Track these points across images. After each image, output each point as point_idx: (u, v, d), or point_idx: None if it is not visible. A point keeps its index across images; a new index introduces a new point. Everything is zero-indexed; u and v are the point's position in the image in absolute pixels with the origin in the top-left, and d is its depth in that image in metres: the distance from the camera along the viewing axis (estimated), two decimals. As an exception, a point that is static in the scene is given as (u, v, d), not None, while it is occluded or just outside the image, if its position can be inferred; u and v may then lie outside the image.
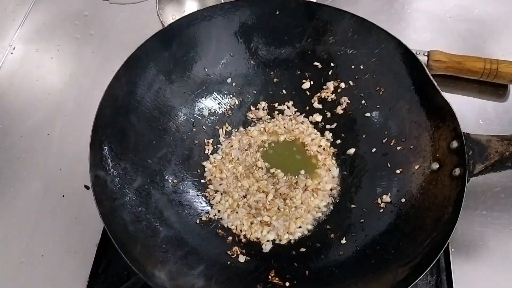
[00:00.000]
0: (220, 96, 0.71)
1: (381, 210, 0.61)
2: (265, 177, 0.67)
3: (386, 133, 0.66)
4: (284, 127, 0.71)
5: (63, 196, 0.69)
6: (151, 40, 0.63)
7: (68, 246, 0.65)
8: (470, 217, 0.64)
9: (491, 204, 0.65)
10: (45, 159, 0.73)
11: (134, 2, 0.88)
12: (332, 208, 0.65)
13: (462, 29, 0.84)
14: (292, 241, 0.62)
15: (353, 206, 0.64)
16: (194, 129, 0.69)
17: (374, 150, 0.66)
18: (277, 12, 0.68)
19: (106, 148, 0.58)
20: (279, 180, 0.66)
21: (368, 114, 0.68)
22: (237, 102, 0.72)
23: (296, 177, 0.67)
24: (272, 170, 0.67)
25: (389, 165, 0.64)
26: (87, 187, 0.68)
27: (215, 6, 0.68)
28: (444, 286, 0.61)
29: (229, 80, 0.71)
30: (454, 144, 0.56)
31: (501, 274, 0.61)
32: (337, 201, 0.65)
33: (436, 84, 0.59)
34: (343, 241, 0.61)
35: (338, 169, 0.67)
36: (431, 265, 0.50)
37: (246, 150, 0.69)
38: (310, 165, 0.68)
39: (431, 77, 0.59)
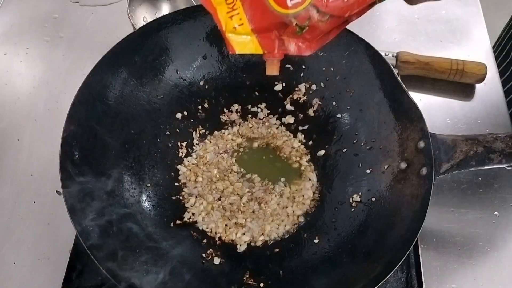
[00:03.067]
0: (193, 99, 0.71)
1: (353, 209, 0.63)
2: (241, 181, 0.67)
3: (356, 133, 0.67)
4: (258, 130, 0.71)
5: (34, 202, 0.68)
6: (121, 44, 0.63)
7: (41, 253, 0.64)
8: (438, 214, 0.66)
9: (458, 201, 0.67)
10: (15, 165, 0.72)
11: (104, 4, 0.87)
12: (306, 211, 0.65)
13: (430, 30, 0.86)
14: (268, 242, 0.63)
15: (325, 205, 0.65)
16: (167, 132, 0.69)
17: (345, 150, 0.67)
18: (248, 15, 0.69)
19: (77, 153, 0.58)
20: (255, 184, 0.67)
21: (339, 115, 0.69)
22: (210, 105, 0.72)
23: (276, 184, 0.67)
24: (248, 175, 0.68)
25: (360, 165, 0.65)
26: (59, 193, 0.67)
27: (186, 9, 0.67)
28: (414, 281, 0.62)
29: (202, 83, 0.71)
30: (421, 144, 0.57)
31: (469, 268, 0.63)
32: (312, 203, 0.66)
33: (403, 86, 0.60)
34: (316, 241, 0.62)
35: (315, 176, 0.68)
36: (401, 261, 0.52)
37: (221, 154, 0.69)
38: (289, 172, 0.68)
39: (399, 79, 0.60)
